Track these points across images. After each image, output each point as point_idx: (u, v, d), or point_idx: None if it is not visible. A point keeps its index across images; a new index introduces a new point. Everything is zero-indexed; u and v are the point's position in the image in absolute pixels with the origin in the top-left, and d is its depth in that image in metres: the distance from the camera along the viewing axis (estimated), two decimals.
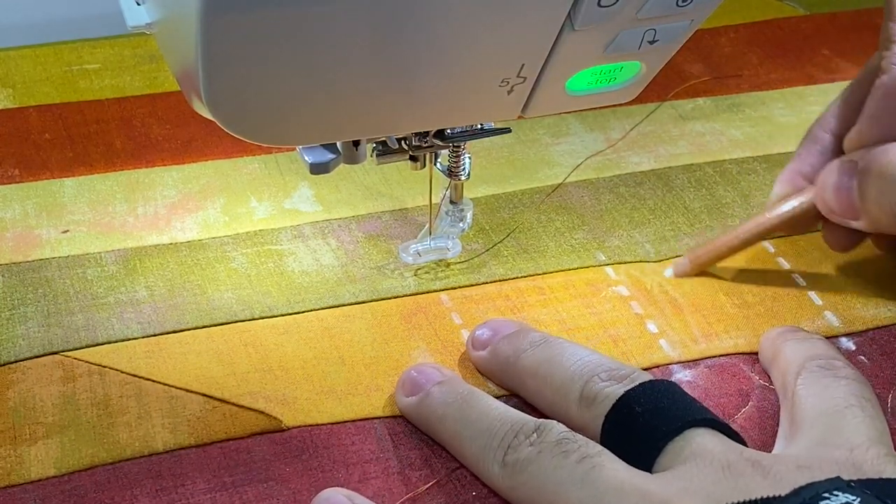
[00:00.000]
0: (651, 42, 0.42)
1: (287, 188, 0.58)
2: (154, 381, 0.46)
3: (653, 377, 0.42)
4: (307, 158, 0.46)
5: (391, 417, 0.45)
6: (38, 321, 0.49)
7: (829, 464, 0.38)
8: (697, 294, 0.52)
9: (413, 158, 0.49)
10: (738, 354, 0.48)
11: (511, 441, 0.40)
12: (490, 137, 0.49)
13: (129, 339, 0.48)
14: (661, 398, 0.41)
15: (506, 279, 0.52)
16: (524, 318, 0.50)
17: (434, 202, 0.52)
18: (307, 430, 0.44)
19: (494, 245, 0.55)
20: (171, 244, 0.54)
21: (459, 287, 0.52)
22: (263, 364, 0.47)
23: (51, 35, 0.71)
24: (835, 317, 0.50)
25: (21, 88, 0.66)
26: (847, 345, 0.49)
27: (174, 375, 0.46)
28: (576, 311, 0.50)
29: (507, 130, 0.49)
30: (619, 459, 0.38)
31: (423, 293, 0.51)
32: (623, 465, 0.38)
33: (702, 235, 0.55)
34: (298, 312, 0.50)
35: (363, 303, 0.51)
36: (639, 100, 0.47)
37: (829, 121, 0.52)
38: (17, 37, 0.71)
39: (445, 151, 0.50)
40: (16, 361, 0.47)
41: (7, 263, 0.52)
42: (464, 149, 0.50)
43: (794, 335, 0.47)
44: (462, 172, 0.50)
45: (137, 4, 0.44)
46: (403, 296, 0.51)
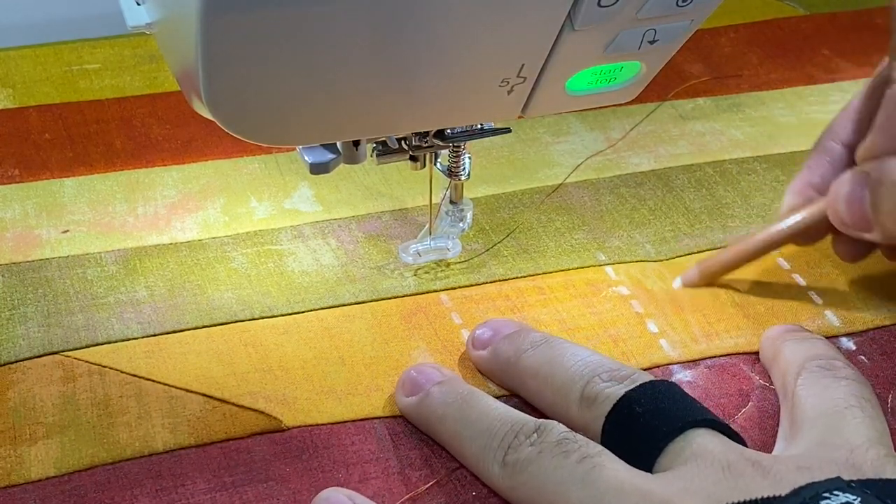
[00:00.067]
0: (651, 42, 0.42)
1: (287, 188, 0.58)
2: (154, 381, 0.46)
3: (653, 378, 0.42)
4: (307, 158, 0.46)
5: (391, 417, 0.45)
6: (38, 321, 0.49)
7: (829, 464, 0.38)
8: (698, 293, 0.52)
9: (413, 158, 0.49)
10: (739, 354, 0.48)
11: (511, 441, 0.40)
12: (490, 137, 0.49)
13: (129, 339, 0.48)
14: (662, 399, 0.41)
15: (506, 279, 0.52)
16: (524, 318, 0.50)
17: (434, 202, 0.52)
18: (307, 430, 0.44)
19: (494, 245, 0.54)
20: (171, 244, 0.54)
21: (459, 287, 0.52)
22: (263, 364, 0.47)
23: (51, 35, 0.71)
24: (835, 316, 0.50)
25: (21, 88, 0.66)
26: (847, 345, 0.49)
27: (174, 375, 0.46)
28: (576, 311, 0.50)
29: (507, 130, 0.49)
30: (620, 460, 0.38)
31: (423, 293, 0.51)
32: (623, 466, 0.38)
33: (702, 236, 0.55)
34: (298, 312, 0.50)
35: (363, 303, 0.51)
36: (639, 100, 0.47)
37: (839, 131, 0.51)
38: (17, 37, 0.71)
39: (445, 151, 0.50)
40: (16, 361, 0.47)
41: (7, 263, 0.52)
42: (464, 149, 0.50)
43: (795, 335, 0.47)
44: (462, 172, 0.50)
45: (137, 4, 0.44)
46: (403, 296, 0.51)
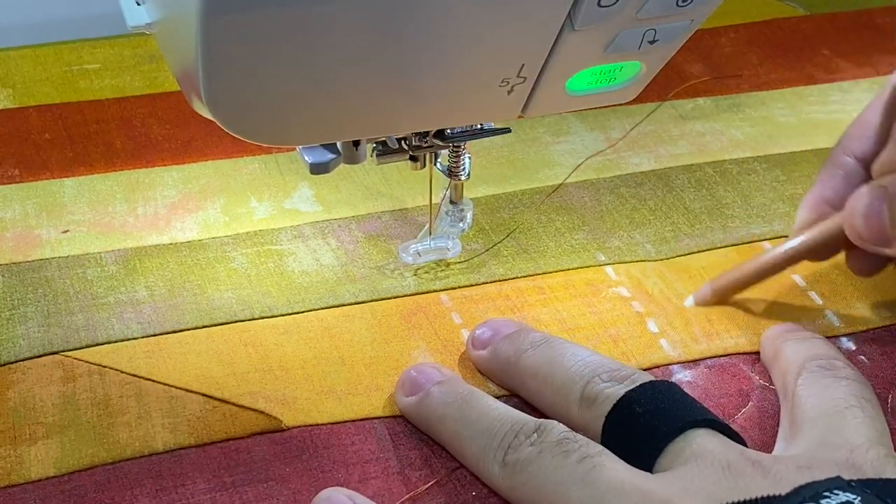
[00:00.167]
0: (651, 42, 0.42)
1: (287, 188, 0.58)
2: (154, 381, 0.46)
3: (653, 378, 0.42)
4: (307, 158, 0.46)
5: (391, 417, 0.45)
6: (38, 321, 0.49)
7: (829, 464, 0.38)
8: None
9: (413, 158, 0.49)
10: (739, 354, 0.48)
11: (511, 441, 0.40)
12: (490, 137, 0.49)
13: (129, 339, 0.48)
14: (662, 399, 0.41)
15: (506, 279, 0.52)
16: (524, 318, 0.50)
17: (434, 202, 0.52)
18: (307, 430, 0.44)
19: (494, 245, 0.54)
20: (171, 244, 0.54)
21: (459, 287, 0.52)
22: (263, 364, 0.47)
23: (51, 35, 0.71)
24: (835, 316, 0.50)
25: (21, 88, 0.66)
26: (847, 345, 0.49)
27: (174, 375, 0.46)
28: (576, 311, 0.50)
29: (507, 130, 0.49)
30: (620, 460, 0.38)
31: (423, 293, 0.51)
32: (623, 465, 0.38)
33: (702, 236, 0.55)
34: (298, 312, 0.50)
35: (363, 303, 0.51)
36: (639, 100, 0.47)
37: (851, 144, 0.50)
38: (17, 37, 0.71)
39: (445, 151, 0.50)
40: (16, 361, 0.47)
41: (7, 263, 0.52)
42: (464, 149, 0.50)
43: (795, 335, 0.47)
44: (462, 172, 0.50)
45: (137, 4, 0.44)
46: (403, 296, 0.51)
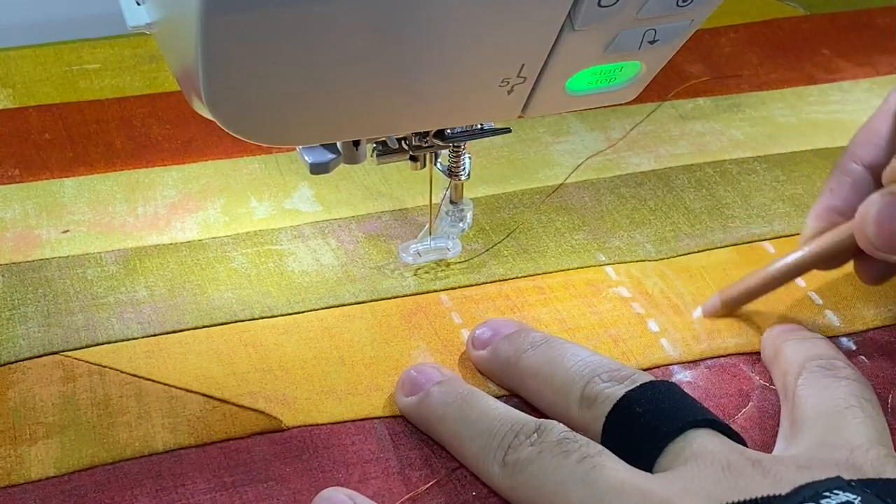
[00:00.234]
0: (651, 42, 0.41)
1: (287, 188, 0.58)
2: (154, 381, 0.46)
3: (653, 378, 0.42)
4: (307, 158, 0.46)
5: (391, 417, 0.45)
6: (38, 321, 0.49)
7: (830, 464, 0.38)
8: (700, 293, 0.52)
9: (413, 158, 0.49)
10: (739, 355, 0.48)
11: (511, 441, 0.40)
12: (490, 137, 0.49)
13: (129, 339, 0.48)
14: (662, 399, 0.41)
15: (506, 279, 0.52)
16: (524, 318, 0.50)
17: (434, 202, 0.52)
18: (307, 430, 0.44)
19: (494, 245, 0.54)
20: (171, 244, 0.54)
21: (459, 287, 0.52)
22: (263, 364, 0.47)
23: (51, 35, 0.71)
24: (835, 316, 0.50)
25: (21, 88, 0.66)
26: (847, 345, 0.49)
27: (174, 375, 0.46)
28: (576, 311, 0.50)
29: (507, 130, 0.49)
30: (620, 460, 0.38)
31: (423, 293, 0.51)
32: (624, 465, 0.38)
33: (702, 236, 0.55)
34: (298, 312, 0.50)
35: (363, 303, 0.51)
36: (639, 100, 0.47)
37: (859, 152, 0.50)
38: (17, 37, 0.71)
39: (445, 151, 0.50)
40: (16, 361, 0.47)
41: (7, 263, 0.52)
42: (464, 149, 0.50)
43: (796, 335, 0.47)
44: (462, 172, 0.50)
45: (137, 4, 0.44)
46: (403, 296, 0.51)
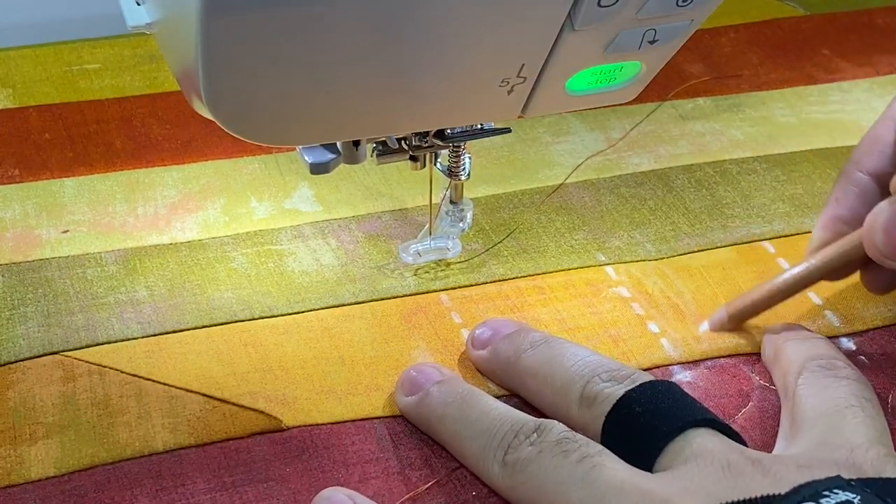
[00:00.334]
0: (651, 42, 0.42)
1: (287, 188, 0.58)
2: (154, 381, 0.46)
3: (653, 378, 0.42)
4: (307, 158, 0.46)
5: (391, 417, 0.45)
6: (38, 321, 0.49)
7: (830, 464, 0.38)
8: (700, 293, 0.52)
9: (413, 158, 0.49)
10: (739, 355, 0.48)
11: (511, 441, 0.40)
12: (490, 137, 0.49)
13: (129, 339, 0.48)
14: (662, 399, 0.41)
15: (506, 279, 0.52)
16: (524, 318, 0.50)
17: (434, 202, 0.52)
18: (307, 430, 0.44)
19: (494, 245, 0.54)
20: (171, 244, 0.54)
21: (459, 287, 0.52)
22: (263, 364, 0.47)
23: (51, 35, 0.71)
24: (835, 317, 0.50)
25: (21, 88, 0.66)
26: (847, 345, 0.49)
27: (174, 375, 0.46)
28: (576, 311, 0.50)
29: (507, 130, 0.49)
30: (620, 459, 0.38)
31: (423, 293, 0.51)
32: (623, 465, 0.38)
33: (702, 236, 0.55)
34: (298, 312, 0.50)
35: (363, 303, 0.51)
36: (639, 100, 0.47)
37: (864, 160, 0.49)
38: (17, 37, 0.71)
39: (445, 151, 0.50)
40: (16, 361, 0.47)
41: (7, 263, 0.52)
42: (464, 149, 0.50)
43: (796, 334, 0.47)
44: (462, 172, 0.50)
45: (137, 4, 0.44)
46: (403, 296, 0.51)
